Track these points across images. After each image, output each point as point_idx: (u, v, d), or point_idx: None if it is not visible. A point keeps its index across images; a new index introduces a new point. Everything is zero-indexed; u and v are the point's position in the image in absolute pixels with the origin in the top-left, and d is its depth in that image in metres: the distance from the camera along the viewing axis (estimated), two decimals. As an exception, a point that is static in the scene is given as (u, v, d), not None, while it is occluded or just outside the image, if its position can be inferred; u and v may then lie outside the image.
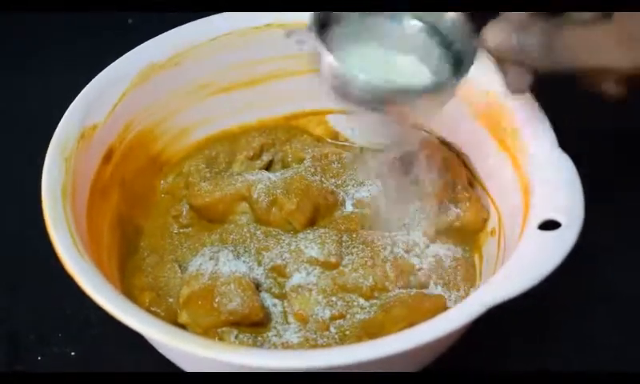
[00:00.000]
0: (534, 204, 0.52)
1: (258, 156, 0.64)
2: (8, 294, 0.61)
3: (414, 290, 0.56)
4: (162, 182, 0.63)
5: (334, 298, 0.55)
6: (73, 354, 0.58)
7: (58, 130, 0.56)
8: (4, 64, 0.78)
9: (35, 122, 0.66)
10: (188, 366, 0.53)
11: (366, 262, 0.56)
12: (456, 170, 0.61)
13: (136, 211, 0.61)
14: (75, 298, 0.50)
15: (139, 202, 0.61)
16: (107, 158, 0.58)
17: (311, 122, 0.67)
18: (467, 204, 0.59)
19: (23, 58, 0.78)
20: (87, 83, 0.59)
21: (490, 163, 0.59)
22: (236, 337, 0.54)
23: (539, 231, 0.50)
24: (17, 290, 0.61)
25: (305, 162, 0.62)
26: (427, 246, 0.59)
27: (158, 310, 0.55)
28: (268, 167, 0.64)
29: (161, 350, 0.53)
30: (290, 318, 0.55)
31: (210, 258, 0.56)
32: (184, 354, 0.50)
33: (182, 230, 0.61)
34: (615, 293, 0.60)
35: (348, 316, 0.55)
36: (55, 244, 0.50)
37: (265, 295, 0.56)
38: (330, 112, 0.66)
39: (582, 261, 0.51)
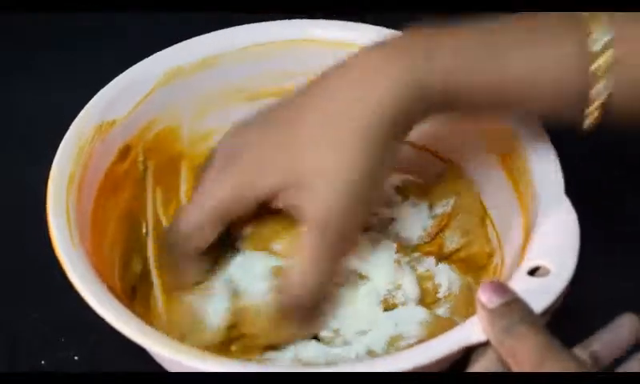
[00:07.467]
0: (530, 248, 0.51)
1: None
2: (10, 299, 0.61)
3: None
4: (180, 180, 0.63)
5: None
6: (76, 357, 0.58)
7: (76, 120, 0.57)
8: (4, 64, 0.78)
9: (36, 124, 0.69)
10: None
11: None
12: (469, 201, 0.60)
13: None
14: (77, 301, 0.50)
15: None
16: (124, 154, 0.59)
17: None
18: (471, 236, 0.59)
19: (23, 59, 0.78)
20: (86, 84, 0.59)
21: (500, 200, 0.59)
22: None
23: (527, 277, 0.49)
24: (19, 295, 0.61)
25: None
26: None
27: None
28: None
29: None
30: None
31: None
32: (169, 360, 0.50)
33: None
34: (615, 294, 0.60)
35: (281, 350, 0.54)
36: (51, 229, 0.51)
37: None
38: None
39: (581, 262, 0.50)
